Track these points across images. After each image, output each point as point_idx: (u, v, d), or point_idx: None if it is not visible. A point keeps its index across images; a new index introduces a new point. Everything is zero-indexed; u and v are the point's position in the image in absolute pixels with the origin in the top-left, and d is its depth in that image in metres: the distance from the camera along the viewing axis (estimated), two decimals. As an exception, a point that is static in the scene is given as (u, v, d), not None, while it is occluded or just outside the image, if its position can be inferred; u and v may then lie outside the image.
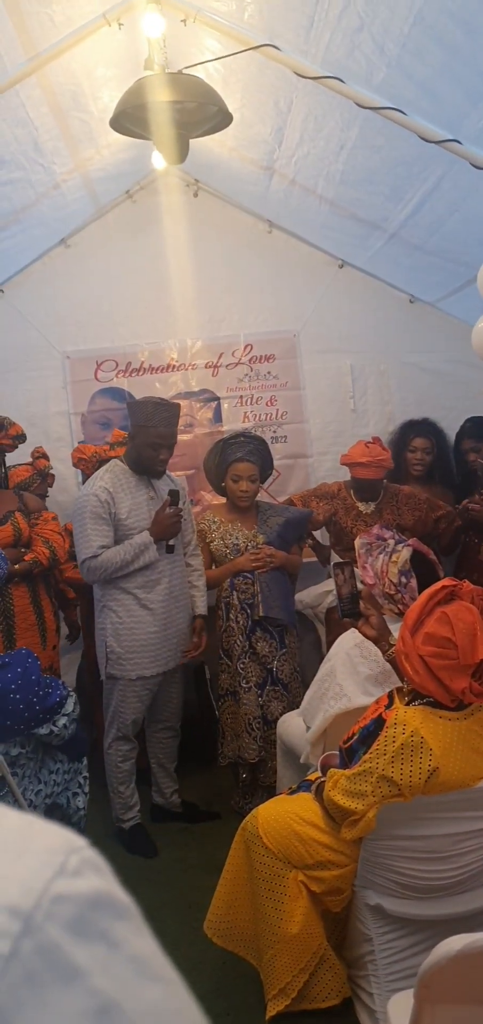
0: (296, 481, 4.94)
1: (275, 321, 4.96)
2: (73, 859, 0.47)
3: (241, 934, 2.53)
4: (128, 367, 4.84)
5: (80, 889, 0.46)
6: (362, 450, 4.09)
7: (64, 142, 3.56)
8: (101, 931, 0.46)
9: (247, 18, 2.80)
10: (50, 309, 4.79)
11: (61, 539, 3.91)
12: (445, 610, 2.24)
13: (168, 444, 3.54)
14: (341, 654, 2.95)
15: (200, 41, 3.13)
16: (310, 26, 2.60)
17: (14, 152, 3.33)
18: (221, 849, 2.67)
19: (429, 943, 2.06)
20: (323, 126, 3.28)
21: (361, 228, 4.16)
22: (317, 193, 3.95)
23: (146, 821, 3.81)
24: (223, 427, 4.87)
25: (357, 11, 2.40)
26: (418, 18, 2.30)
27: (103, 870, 0.49)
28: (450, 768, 2.14)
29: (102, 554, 3.43)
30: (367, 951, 2.38)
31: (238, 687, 3.76)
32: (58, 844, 0.48)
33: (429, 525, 4.20)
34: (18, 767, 2.76)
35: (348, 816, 2.23)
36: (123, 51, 3.18)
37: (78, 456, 4.25)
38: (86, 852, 0.48)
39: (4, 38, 2.64)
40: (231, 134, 3.43)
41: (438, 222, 3.63)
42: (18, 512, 3.83)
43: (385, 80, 2.68)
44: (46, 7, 2.66)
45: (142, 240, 4.82)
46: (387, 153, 3.23)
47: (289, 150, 3.64)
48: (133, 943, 0.48)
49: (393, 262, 4.48)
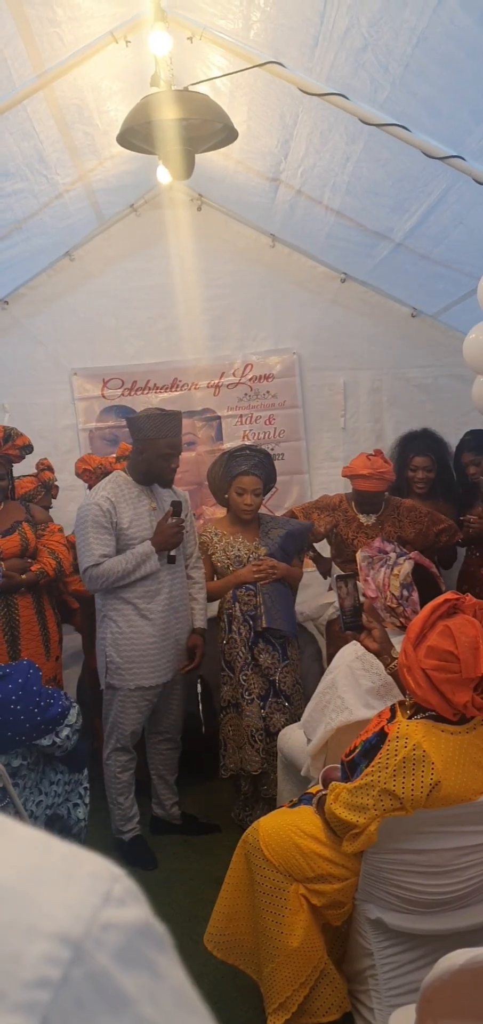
0: (292, 497, 5.00)
1: (275, 339, 4.99)
2: (117, 887, 0.48)
3: (241, 947, 2.52)
4: (134, 385, 4.89)
5: (126, 918, 0.47)
6: (364, 462, 4.10)
7: (68, 154, 3.59)
8: (147, 960, 0.47)
9: (253, 36, 2.83)
10: (56, 323, 4.82)
11: (66, 551, 3.93)
12: (448, 623, 2.25)
13: (178, 452, 3.60)
14: (343, 667, 2.96)
15: (206, 58, 3.17)
16: (315, 44, 2.63)
17: (19, 164, 3.36)
18: (221, 862, 2.67)
19: (431, 958, 2.06)
20: (328, 140, 3.31)
21: (366, 238, 4.18)
22: (323, 203, 3.97)
23: (146, 833, 3.81)
24: (224, 445, 4.92)
25: (361, 32, 2.43)
26: (422, 38, 2.33)
27: (142, 900, 0.50)
28: (452, 782, 2.14)
29: (104, 563, 3.44)
30: (368, 965, 2.38)
31: (240, 699, 3.76)
32: (102, 872, 0.48)
33: (431, 538, 4.19)
34: (19, 778, 2.76)
35: (349, 829, 2.23)
36: (130, 67, 3.21)
37: (83, 467, 4.26)
38: (127, 881, 0.49)
39: (14, 55, 2.68)
40: (237, 147, 3.46)
41: (442, 233, 3.66)
42: (25, 523, 3.85)
43: (389, 97, 2.71)
44: (56, 26, 2.70)
45: (146, 254, 4.85)
46: (392, 167, 3.26)
47: (295, 162, 3.67)
48: (174, 974, 0.48)
49: (396, 273, 4.51)
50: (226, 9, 2.77)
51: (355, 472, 4.12)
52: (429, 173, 3.13)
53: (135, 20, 2.91)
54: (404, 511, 4.23)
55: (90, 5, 2.73)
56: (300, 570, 4.13)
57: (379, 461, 4.10)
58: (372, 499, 4.17)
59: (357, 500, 4.24)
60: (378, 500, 4.20)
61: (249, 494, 3.86)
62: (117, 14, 2.87)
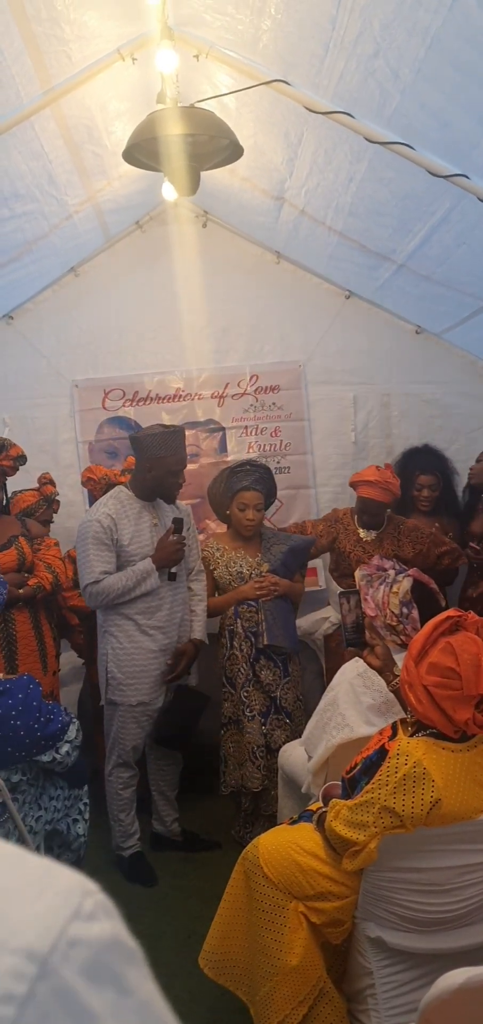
0: (298, 511, 4.96)
1: (281, 352, 4.99)
2: (88, 902, 0.48)
3: (234, 968, 2.50)
4: (135, 396, 4.88)
5: (94, 933, 0.47)
6: (373, 471, 4.09)
7: (78, 175, 3.62)
8: (113, 976, 0.47)
9: (261, 49, 2.84)
10: (59, 337, 4.84)
11: (63, 565, 3.93)
12: (450, 640, 2.24)
13: (184, 466, 3.62)
14: (344, 684, 2.95)
15: (212, 75, 3.19)
16: (325, 53, 2.62)
17: (29, 185, 3.38)
18: (221, 879, 2.66)
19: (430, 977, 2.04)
20: (332, 159, 3.33)
21: (369, 259, 4.20)
22: (326, 224, 3.99)
23: (146, 849, 3.79)
24: (228, 457, 4.89)
25: (373, 36, 2.40)
26: (435, 39, 2.30)
27: (114, 915, 0.50)
28: (453, 800, 2.13)
29: (104, 580, 3.44)
30: (367, 984, 2.35)
31: (241, 715, 3.75)
32: (73, 886, 0.48)
33: (431, 560, 4.14)
34: (19, 793, 2.74)
35: (349, 847, 2.22)
36: (136, 85, 3.24)
37: (87, 476, 4.26)
38: (99, 896, 0.49)
39: (22, 72, 2.70)
40: (243, 164, 3.48)
41: (445, 253, 3.67)
42: (22, 537, 3.85)
43: (397, 110, 2.71)
44: (64, 44, 2.72)
45: (151, 270, 4.88)
46: (396, 186, 3.27)
47: (299, 181, 3.69)
48: (142, 989, 0.49)
49: (400, 292, 4.52)
50: (235, 20, 2.77)
51: (362, 478, 4.10)
52: (433, 193, 3.14)
53: (142, 38, 2.94)
54: (405, 531, 4.20)
55: (97, 24, 2.75)
56: (301, 586, 4.13)
57: (388, 473, 4.09)
58: (375, 509, 4.13)
59: (360, 511, 4.20)
60: (380, 512, 4.17)
61: (251, 509, 3.86)
62: (124, 33, 2.90)
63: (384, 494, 4.05)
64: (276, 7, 2.56)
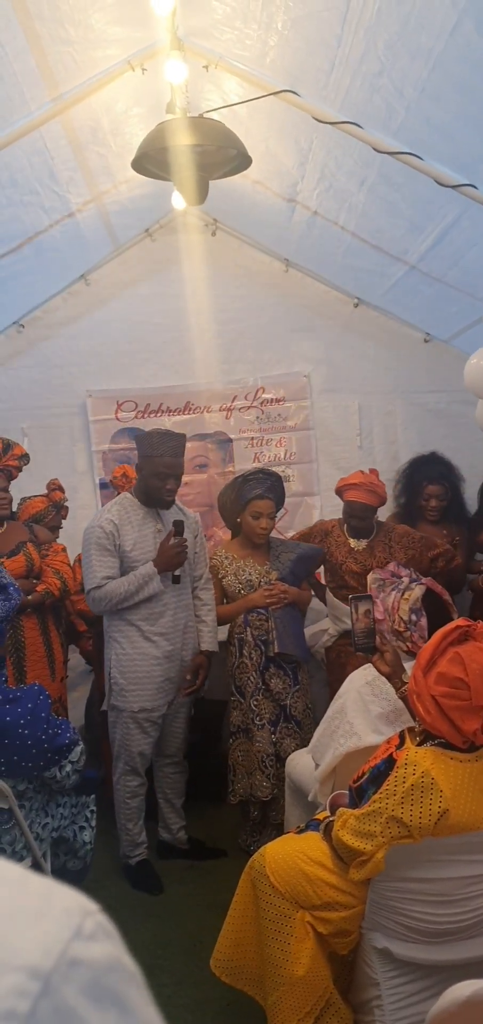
0: (302, 519, 4.99)
1: (288, 362, 5.01)
2: (89, 922, 0.48)
3: (248, 972, 2.49)
4: (147, 408, 4.93)
5: (95, 954, 0.47)
6: (358, 475, 4.05)
7: (81, 173, 3.63)
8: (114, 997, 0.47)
9: (269, 62, 2.86)
10: (71, 346, 4.88)
11: (71, 570, 3.94)
12: (458, 650, 2.23)
13: (175, 474, 3.55)
14: (352, 692, 2.94)
15: (221, 85, 3.21)
16: (331, 69, 2.65)
17: (28, 176, 3.37)
18: (227, 887, 2.65)
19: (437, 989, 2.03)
20: (343, 164, 3.34)
21: (381, 259, 4.20)
22: (339, 224, 3.99)
23: (152, 857, 3.78)
24: (234, 467, 4.93)
25: (378, 56, 2.44)
26: (437, 63, 2.34)
27: (114, 936, 0.50)
28: (460, 810, 2.12)
29: (106, 584, 3.45)
30: (374, 996, 2.34)
31: (251, 724, 3.74)
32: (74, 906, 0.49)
33: (425, 564, 4.03)
34: (25, 800, 2.74)
35: (356, 856, 2.21)
36: (145, 93, 3.25)
37: (121, 472, 4.30)
38: (99, 917, 0.50)
39: (28, 78, 2.72)
40: (254, 168, 3.48)
41: (456, 255, 3.67)
42: (30, 543, 3.86)
43: (403, 124, 2.73)
44: (69, 46, 2.73)
45: (161, 279, 4.90)
46: (407, 190, 3.28)
47: (311, 183, 3.70)
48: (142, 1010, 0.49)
49: (410, 296, 4.52)
50: (243, 34, 2.80)
51: (347, 482, 4.06)
52: (444, 196, 3.15)
53: (151, 48, 2.96)
54: (396, 536, 4.12)
55: (103, 28, 2.76)
56: (309, 594, 4.12)
57: (373, 477, 4.04)
58: (362, 512, 4.04)
59: (348, 516, 4.13)
60: (368, 516, 4.07)
61: (265, 518, 3.85)
62: (131, 39, 2.91)
63: (371, 496, 3.98)
64: (283, 23, 2.59)
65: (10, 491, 3.91)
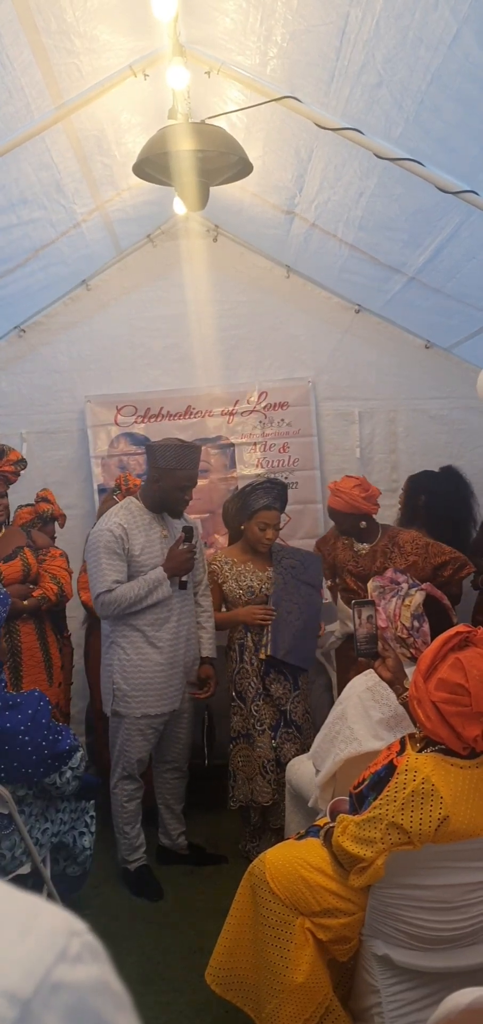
0: (305, 526, 4.97)
1: (290, 368, 5.01)
2: (74, 943, 0.47)
3: (241, 983, 2.48)
4: (147, 412, 4.92)
5: (80, 977, 0.46)
6: (343, 482, 4.06)
7: (86, 184, 3.64)
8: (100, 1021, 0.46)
9: (269, 72, 2.87)
10: (72, 351, 4.88)
11: (68, 575, 3.93)
12: (459, 656, 2.23)
13: (194, 484, 3.61)
14: (353, 698, 2.93)
15: (223, 92, 3.22)
16: (331, 80, 2.66)
17: (37, 193, 3.40)
18: (227, 893, 2.65)
19: (437, 996, 2.02)
20: (342, 175, 3.35)
21: (379, 272, 4.21)
22: (337, 237, 4.00)
23: (152, 863, 3.78)
24: (236, 473, 4.92)
25: (376, 68, 2.46)
26: (436, 76, 2.35)
27: (101, 957, 0.49)
28: (461, 817, 2.12)
29: (116, 589, 3.45)
30: (374, 1003, 2.33)
31: (252, 730, 3.74)
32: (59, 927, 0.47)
33: (427, 572, 3.95)
34: (25, 805, 2.74)
35: (357, 863, 2.21)
36: (147, 100, 3.26)
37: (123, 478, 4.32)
38: (86, 937, 0.48)
39: (32, 86, 2.73)
40: (253, 180, 3.50)
41: (455, 268, 3.67)
42: (27, 548, 3.86)
43: (403, 133, 2.74)
44: (74, 56, 2.75)
45: (162, 284, 4.91)
46: (406, 202, 3.28)
47: (309, 195, 3.71)
48: None
49: (410, 306, 4.52)
50: (243, 45, 2.81)
51: (331, 488, 4.10)
52: (442, 208, 3.16)
53: (154, 55, 2.97)
54: (399, 543, 4.06)
55: (108, 37, 2.78)
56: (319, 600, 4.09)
57: (353, 488, 4.01)
58: (338, 519, 4.09)
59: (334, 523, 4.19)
60: (345, 523, 4.09)
61: (272, 528, 3.85)
62: (135, 48, 2.92)
63: (345, 504, 3.98)
64: (282, 36, 2.61)
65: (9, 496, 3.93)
